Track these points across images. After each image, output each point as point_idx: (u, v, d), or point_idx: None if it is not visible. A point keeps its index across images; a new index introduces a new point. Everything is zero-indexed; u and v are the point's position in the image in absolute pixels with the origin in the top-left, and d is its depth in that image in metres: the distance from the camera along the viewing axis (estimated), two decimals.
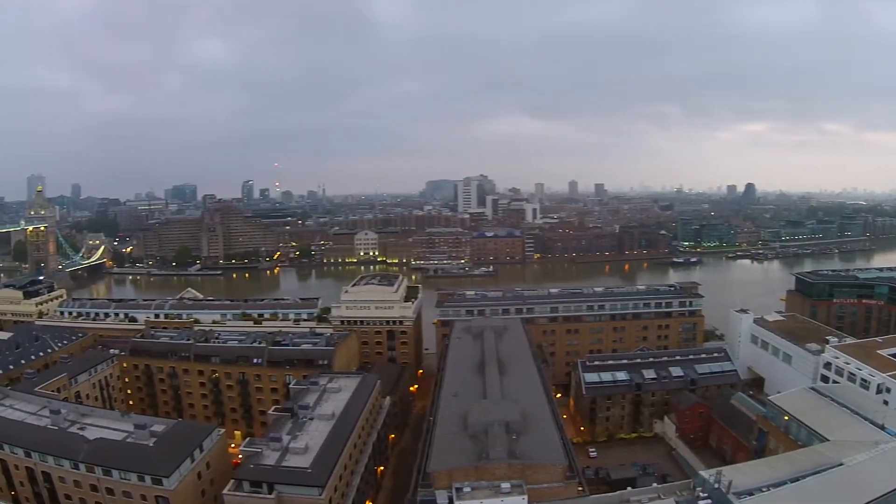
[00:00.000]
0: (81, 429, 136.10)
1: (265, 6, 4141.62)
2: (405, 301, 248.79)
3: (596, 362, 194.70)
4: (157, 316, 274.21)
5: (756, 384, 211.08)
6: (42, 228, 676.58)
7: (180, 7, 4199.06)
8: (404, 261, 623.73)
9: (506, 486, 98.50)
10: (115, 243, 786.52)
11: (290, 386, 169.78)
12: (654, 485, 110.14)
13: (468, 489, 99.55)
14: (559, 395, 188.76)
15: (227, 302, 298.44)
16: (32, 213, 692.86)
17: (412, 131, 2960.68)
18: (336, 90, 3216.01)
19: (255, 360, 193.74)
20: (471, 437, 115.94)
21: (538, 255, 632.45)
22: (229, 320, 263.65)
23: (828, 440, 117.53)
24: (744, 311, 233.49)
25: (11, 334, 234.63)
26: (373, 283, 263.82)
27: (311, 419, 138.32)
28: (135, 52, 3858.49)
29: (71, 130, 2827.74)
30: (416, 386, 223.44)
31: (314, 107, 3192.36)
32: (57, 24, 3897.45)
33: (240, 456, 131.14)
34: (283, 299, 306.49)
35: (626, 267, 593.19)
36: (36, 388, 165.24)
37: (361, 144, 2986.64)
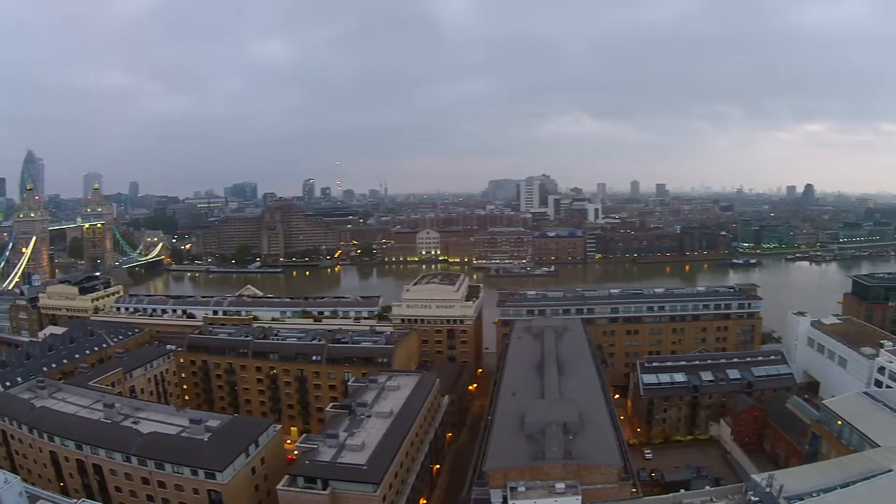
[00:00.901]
0: (135, 423, 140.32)
1: (329, 7, 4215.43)
2: (466, 300, 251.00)
3: (654, 363, 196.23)
4: (215, 313, 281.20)
5: (812, 388, 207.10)
6: (99, 225, 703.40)
7: (242, 8, 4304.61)
8: (466, 260, 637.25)
9: (560, 486, 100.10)
10: (174, 240, 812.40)
11: (349, 383, 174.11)
12: (707, 488, 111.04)
13: (523, 488, 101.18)
14: (617, 397, 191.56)
15: (287, 299, 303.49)
16: (89, 210, 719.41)
17: (475, 131, 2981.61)
18: (399, 90, 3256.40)
19: (314, 358, 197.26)
20: (528, 436, 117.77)
21: (599, 255, 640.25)
22: (289, 318, 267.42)
23: (879, 446, 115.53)
24: (801, 313, 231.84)
25: (66, 329, 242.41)
26: (434, 282, 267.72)
27: (369, 417, 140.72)
28: (197, 52, 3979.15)
29: (130, 130, 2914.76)
30: (474, 385, 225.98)
31: (377, 106, 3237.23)
32: (118, 25, 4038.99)
33: (295, 452, 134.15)
34: (343, 297, 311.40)
35: (687, 268, 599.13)
36: (90, 383, 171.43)
37: (424, 144, 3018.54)
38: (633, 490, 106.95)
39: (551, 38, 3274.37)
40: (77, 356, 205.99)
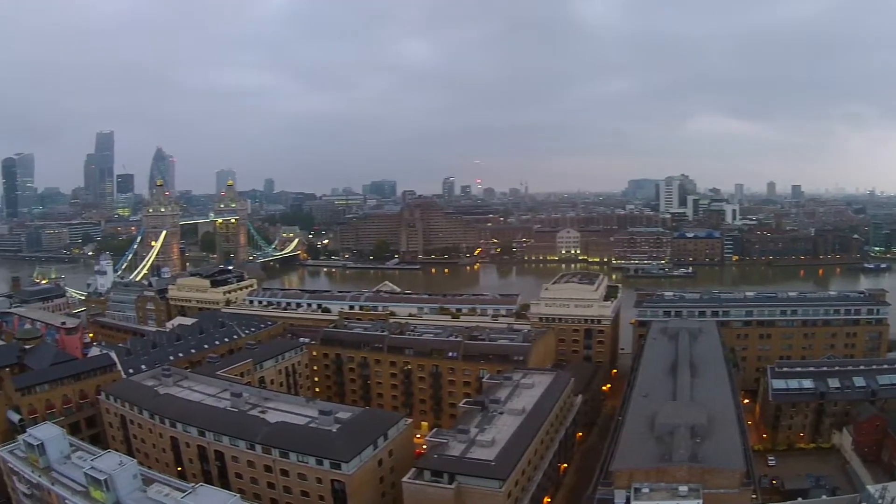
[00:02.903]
0: (263, 412, 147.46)
1: (474, 8, 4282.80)
2: (604, 300, 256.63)
3: (784, 368, 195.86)
4: (351, 307, 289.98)
5: None
6: (233, 221, 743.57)
7: (384, 10, 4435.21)
8: (605, 260, 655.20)
9: (683, 489, 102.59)
10: (310, 236, 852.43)
11: (484, 380, 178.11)
12: (823, 497, 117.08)
13: (646, 490, 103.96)
14: (747, 402, 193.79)
15: (425, 296, 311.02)
16: (222, 205, 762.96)
17: (616, 130, 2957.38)
18: (541, 89, 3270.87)
19: (449, 354, 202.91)
20: (656, 438, 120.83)
21: (736, 256, 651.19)
22: (426, 314, 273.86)
23: None
24: None
25: (195, 320, 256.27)
26: (573, 282, 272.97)
27: (501, 413, 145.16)
28: (338, 53, 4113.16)
29: (266, 129, 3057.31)
30: (608, 385, 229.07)
31: (519, 105, 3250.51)
32: (261, 27, 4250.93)
33: (424, 446, 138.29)
34: (482, 295, 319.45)
35: (821, 272, 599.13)
36: (218, 372, 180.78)
37: (564, 143, 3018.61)
38: (754, 496, 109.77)
39: (691, 37, 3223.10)
40: (206, 346, 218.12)
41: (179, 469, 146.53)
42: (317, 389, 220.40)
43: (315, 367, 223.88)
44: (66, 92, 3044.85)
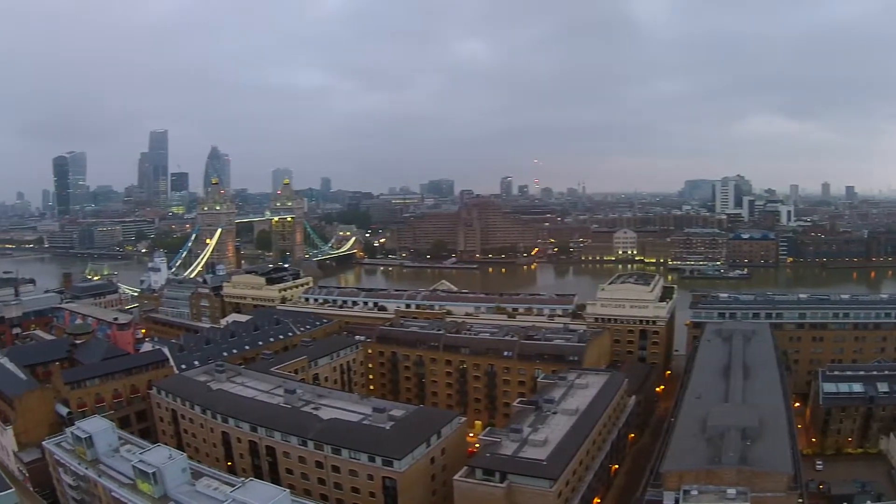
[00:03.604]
0: (316, 409, 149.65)
1: (530, 8, 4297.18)
2: (660, 301, 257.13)
3: (835, 372, 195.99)
4: (408, 306, 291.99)
5: None
6: (289, 219, 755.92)
7: (442, 10, 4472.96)
8: (661, 260, 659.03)
9: (731, 492, 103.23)
10: (367, 235, 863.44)
11: (539, 380, 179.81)
12: (868, 503, 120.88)
13: (695, 492, 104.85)
14: (798, 405, 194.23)
15: (482, 295, 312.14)
16: (278, 204, 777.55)
17: (672, 130, 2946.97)
18: (598, 89, 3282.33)
19: (505, 353, 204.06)
20: (707, 440, 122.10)
21: (790, 258, 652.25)
22: (483, 313, 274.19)
23: None
24: None
25: (249, 317, 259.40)
26: (629, 282, 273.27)
27: (555, 413, 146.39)
28: (395, 52, 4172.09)
29: (323, 128, 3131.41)
30: (662, 387, 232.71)
31: (576, 105, 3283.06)
32: (319, 27, 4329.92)
33: (477, 445, 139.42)
34: (538, 295, 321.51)
35: (872, 274, 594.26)
36: (272, 369, 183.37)
37: (621, 143, 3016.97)
38: (800, 500, 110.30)
39: (745, 37, 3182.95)
40: (260, 343, 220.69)
41: (230, 464, 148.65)
42: (371, 387, 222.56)
43: (370, 365, 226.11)
44: (120, 91, 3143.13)
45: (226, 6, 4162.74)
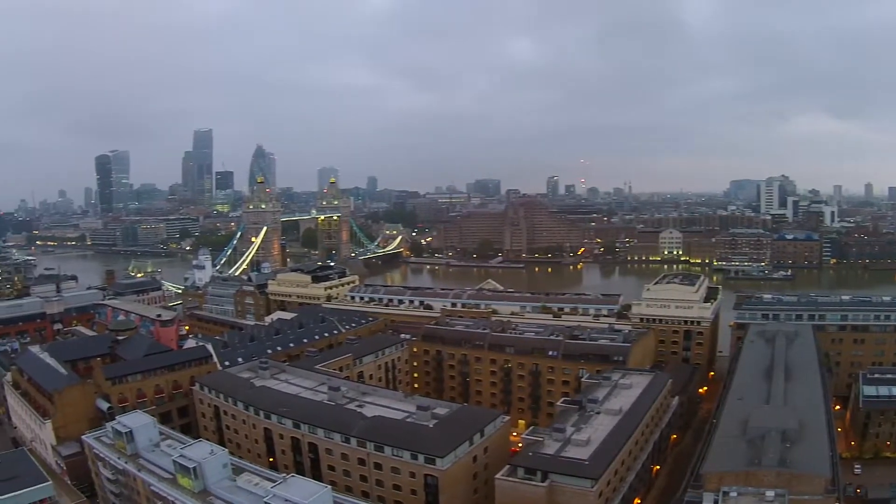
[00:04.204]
0: (360, 406, 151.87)
1: (579, 7, 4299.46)
2: (704, 302, 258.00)
3: (876, 375, 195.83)
4: (453, 305, 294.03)
5: None
6: (335, 218, 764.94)
7: (490, 9, 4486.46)
8: (706, 261, 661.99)
9: (770, 494, 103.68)
10: (414, 234, 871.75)
11: (583, 379, 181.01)
12: None
13: (734, 494, 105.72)
14: (838, 408, 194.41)
15: (528, 295, 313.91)
16: (324, 202, 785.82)
17: (717, 130, 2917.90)
18: (646, 89, 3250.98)
19: (550, 353, 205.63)
20: (748, 441, 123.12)
21: (834, 259, 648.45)
22: (528, 312, 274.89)
23: None
24: None
25: (294, 315, 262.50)
26: (674, 283, 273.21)
27: (598, 413, 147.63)
28: (443, 51, 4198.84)
29: (369, 127, 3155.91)
30: (705, 388, 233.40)
31: (623, 105, 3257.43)
32: (367, 27, 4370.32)
33: (520, 444, 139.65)
34: (584, 294, 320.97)
35: None
36: (316, 366, 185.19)
37: (668, 143, 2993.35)
38: (837, 503, 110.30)
39: (792, 35, 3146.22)
40: (305, 341, 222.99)
41: (271, 460, 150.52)
42: (415, 385, 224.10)
43: (415, 364, 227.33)
44: (165, 91, 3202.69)
45: (274, 6, 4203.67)
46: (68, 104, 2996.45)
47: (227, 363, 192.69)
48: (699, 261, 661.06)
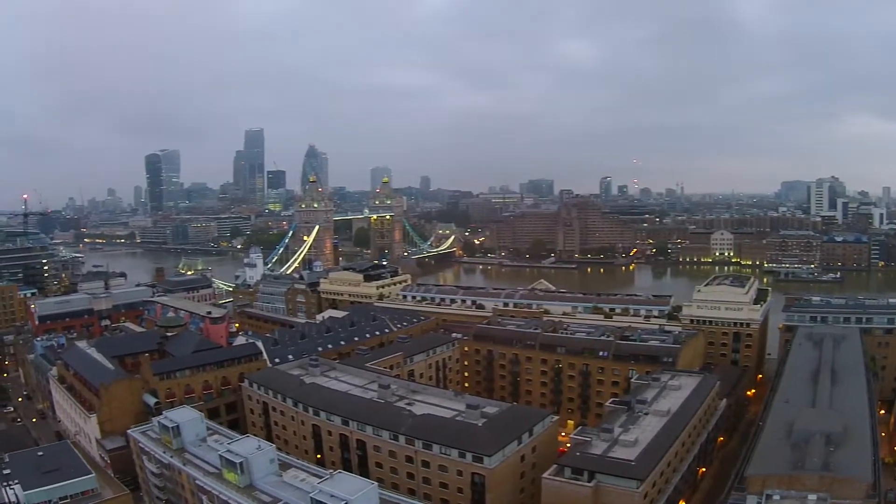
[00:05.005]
0: (409, 404, 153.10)
1: (635, 8, 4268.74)
2: (754, 304, 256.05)
3: None
4: (505, 304, 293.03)
5: None
6: (388, 217, 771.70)
7: (545, 10, 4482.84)
8: (757, 263, 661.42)
9: (812, 497, 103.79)
10: (467, 233, 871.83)
11: (632, 380, 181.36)
12: None
13: (777, 497, 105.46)
14: (883, 412, 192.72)
15: (580, 295, 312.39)
16: (377, 202, 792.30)
17: (770, 130, 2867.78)
18: (699, 89, 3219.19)
19: (600, 353, 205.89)
20: (792, 445, 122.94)
21: (882, 262, 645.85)
22: (580, 313, 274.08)
23: None
24: None
25: (346, 314, 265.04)
26: (725, 284, 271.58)
27: (646, 414, 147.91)
28: (499, 52, 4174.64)
29: (422, 127, 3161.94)
30: (753, 391, 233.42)
31: (676, 105, 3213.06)
32: (421, 27, 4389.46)
33: (568, 444, 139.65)
34: (635, 295, 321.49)
35: None
36: (367, 364, 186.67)
37: (721, 143, 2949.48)
38: None
39: (843, 35, 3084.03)
40: (356, 339, 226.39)
41: (319, 457, 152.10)
42: (466, 385, 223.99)
43: (466, 363, 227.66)
44: (216, 91, 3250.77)
45: (329, 6, 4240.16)
46: (116, 104, 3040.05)
47: (276, 360, 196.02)
48: (750, 262, 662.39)
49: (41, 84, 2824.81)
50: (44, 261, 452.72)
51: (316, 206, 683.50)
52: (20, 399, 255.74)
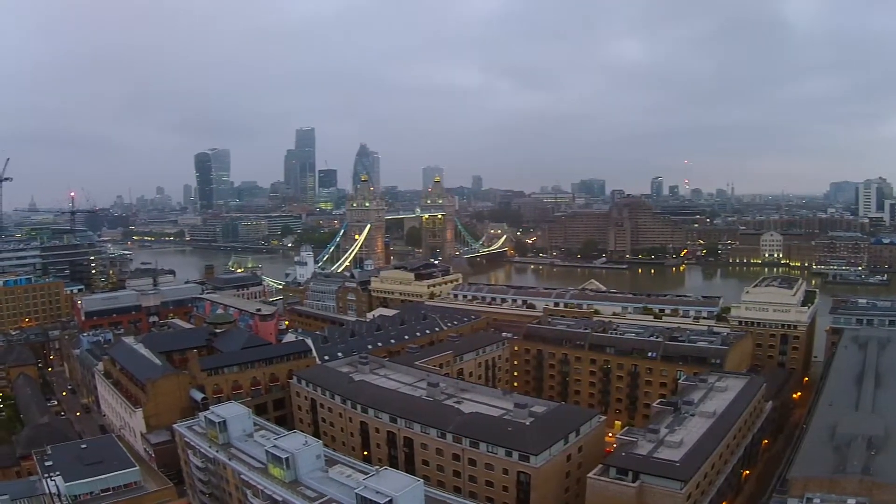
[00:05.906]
0: (458, 402, 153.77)
1: (686, 8, 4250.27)
2: (801, 306, 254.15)
3: None
4: (556, 304, 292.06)
5: None
6: (439, 216, 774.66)
7: (596, 11, 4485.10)
8: (805, 264, 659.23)
9: (851, 501, 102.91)
10: (518, 233, 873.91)
11: (680, 381, 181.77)
12: None
13: (817, 500, 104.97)
14: None
15: (630, 295, 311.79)
16: (429, 201, 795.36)
17: (819, 131, 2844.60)
18: (750, 89, 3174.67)
19: (649, 354, 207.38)
20: (834, 448, 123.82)
21: None
22: (630, 313, 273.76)
23: None
24: None
25: (396, 312, 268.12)
26: (773, 286, 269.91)
27: (693, 415, 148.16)
28: (550, 52, 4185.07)
29: (475, 126, 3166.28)
30: (798, 393, 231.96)
31: (727, 105, 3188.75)
32: (475, 27, 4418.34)
33: (615, 444, 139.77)
34: (685, 296, 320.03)
35: None
36: (417, 362, 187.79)
37: (770, 143, 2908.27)
38: None
39: (891, 35, 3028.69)
40: (406, 337, 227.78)
41: (366, 453, 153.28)
42: (515, 384, 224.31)
43: (515, 362, 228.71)
44: (267, 91, 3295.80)
45: (382, 7, 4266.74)
46: (166, 104, 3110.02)
47: (326, 357, 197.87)
48: (798, 264, 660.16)
49: (98, 85, 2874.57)
50: (91, 258, 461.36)
51: (367, 204, 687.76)
52: (64, 393, 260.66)
